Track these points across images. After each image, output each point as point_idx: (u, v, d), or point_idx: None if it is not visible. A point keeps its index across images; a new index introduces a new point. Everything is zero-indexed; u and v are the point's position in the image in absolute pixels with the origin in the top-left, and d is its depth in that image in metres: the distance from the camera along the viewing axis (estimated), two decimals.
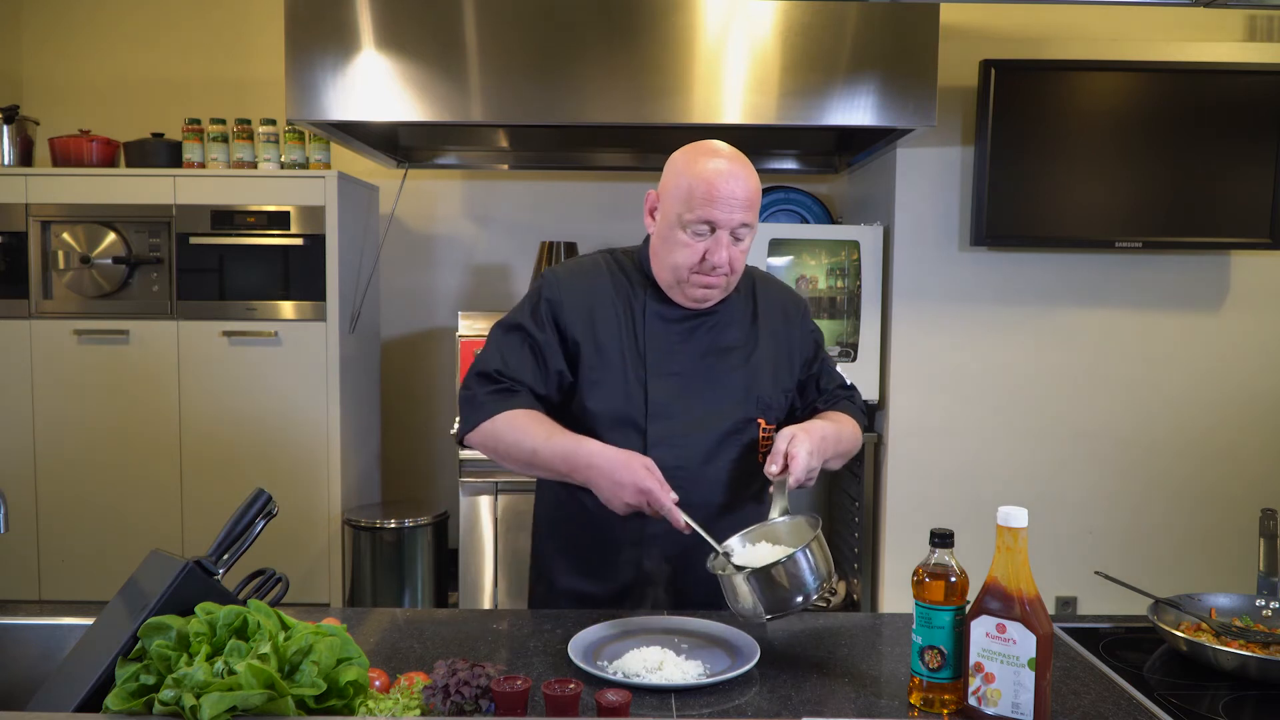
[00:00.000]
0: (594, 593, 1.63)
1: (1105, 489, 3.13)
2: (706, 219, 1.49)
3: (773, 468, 1.45)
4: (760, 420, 1.61)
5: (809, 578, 1.32)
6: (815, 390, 1.72)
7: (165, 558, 1.20)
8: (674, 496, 1.41)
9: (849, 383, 1.77)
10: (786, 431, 1.49)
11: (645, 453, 1.51)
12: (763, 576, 1.31)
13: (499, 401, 1.56)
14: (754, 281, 1.70)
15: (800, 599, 1.31)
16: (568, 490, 1.59)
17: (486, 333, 3.01)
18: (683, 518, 1.41)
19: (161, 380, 3.16)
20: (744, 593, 1.32)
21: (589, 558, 1.63)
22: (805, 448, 1.46)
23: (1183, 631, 1.41)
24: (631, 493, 1.41)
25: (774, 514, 1.48)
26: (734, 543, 1.47)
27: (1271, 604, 1.52)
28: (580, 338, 1.58)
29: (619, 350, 1.58)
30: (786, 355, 1.67)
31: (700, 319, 1.61)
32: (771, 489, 1.49)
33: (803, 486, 1.47)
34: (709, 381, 1.59)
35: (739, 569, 1.35)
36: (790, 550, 1.35)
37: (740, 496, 1.61)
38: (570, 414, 1.60)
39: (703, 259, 1.51)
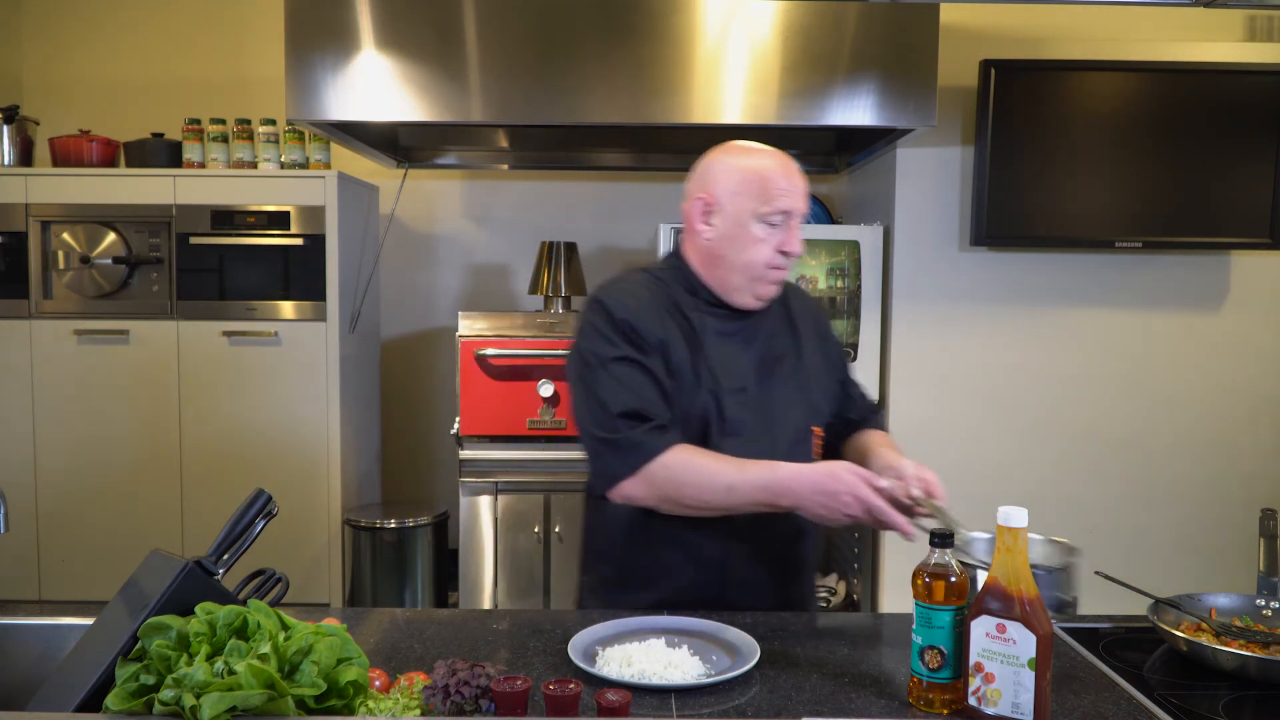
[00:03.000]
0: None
1: (1105, 489, 3.13)
2: (784, 208, 1.51)
3: (915, 491, 1.39)
4: (815, 429, 1.60)
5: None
6: (845, 398, 1.71)
7: (165, 558, 1.20)
8: (885, 484, 1.36)
9: (865, 393, 1.76)
10: (903, 462, 1.45)
11: None
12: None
13: (658, 439, 1.46)
14: (784, 287, 1.67)
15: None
16: (643, 514, 1.55)
17: (486, 333, 3.04)
18: (904, 520, 1.35)
19: (161, 380, 3.16)
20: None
21: (654, 575, 1.60)
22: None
23: (1183, 631, 1.41)
24: (850, 504, 1.36)
25: (973, 533, 1.47)
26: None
27: (1271, 604, 1.52)
28: (664, 350, 1.53)
29: (689, 367, 1.53)
30: (824, 362, 1.67)
31: (751, 326, 1.59)
32: (927, 510, 1.40)
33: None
34: (768, 392, 1.57)
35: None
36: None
37: None
38: None
39: (777, 250, 1.52)
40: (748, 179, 1.52)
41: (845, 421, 1.71)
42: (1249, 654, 1.31)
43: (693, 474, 1.44)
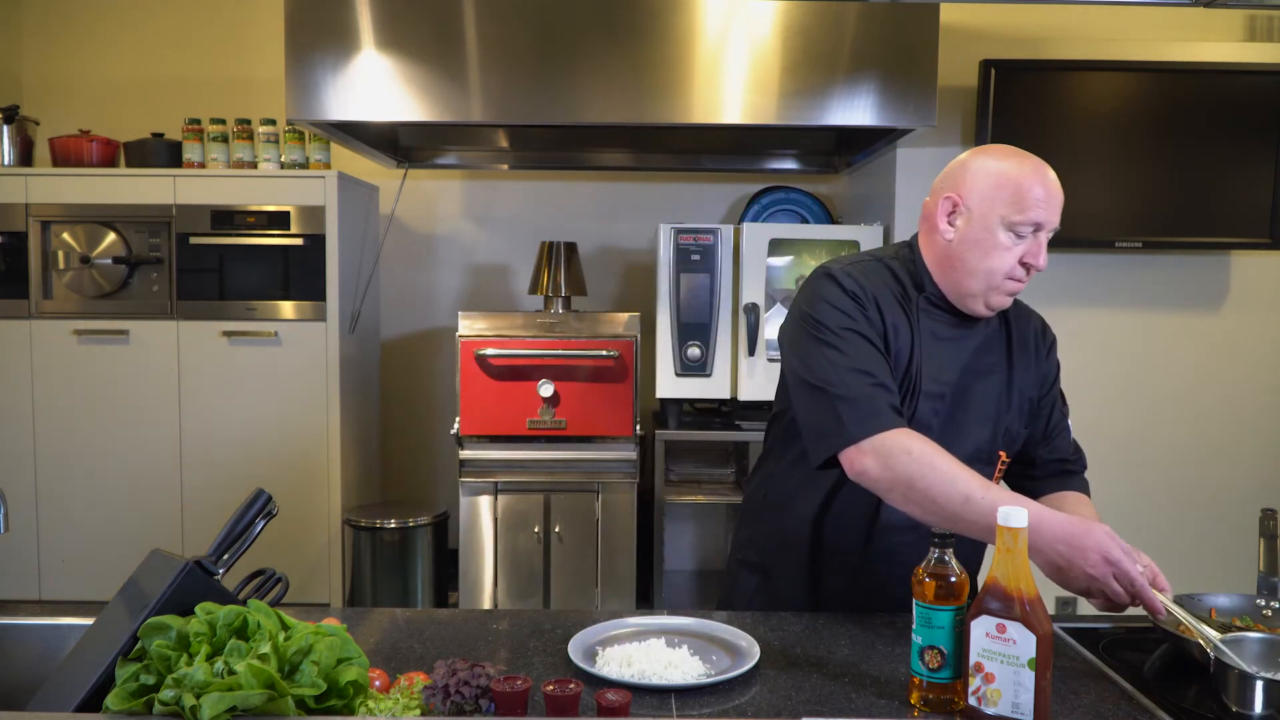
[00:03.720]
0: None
1: (1105, 488, 3.12)
2: (1036, 220, 1.43)
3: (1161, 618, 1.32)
4: (1001, 453, 1.55)
5: None
6: (1062, 431, 1.63)
7: (165, 558, 1.20)
8: (1142, 567, 1.26)
9: (1078, 446, 1.67)
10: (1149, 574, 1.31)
11: None
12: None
13: (895, 416, 1.38)
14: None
15: None
16: (812, 521, 1.54)
17: (486, 333, 3.04)
18: (1158, 599, 1.27)
19: (161, 380, 3.16)
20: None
21: (815, 579, 1.59)
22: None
23: (1183, 632, 1.41)
24: (1097, 563, 1.26)
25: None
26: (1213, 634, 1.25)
27: (1271, 604, 1.52)
28: (886, 336, 1.47)
29: (905, 356, 1.48)
30: (1032, 386, 1.59)
31: (967, 335, 1.53)
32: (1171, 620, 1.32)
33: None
34: (964, 404, 1.52)
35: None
36: None
37: None
38: None
39: (1020, 262, 1.45)
40: (1002, 184, 1.44)
41: (1052, 463, 1.63)
42: None
43: (933, 469, 1.33)
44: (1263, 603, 1.52)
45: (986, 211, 1.45)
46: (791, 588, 1.62)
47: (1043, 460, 1.63)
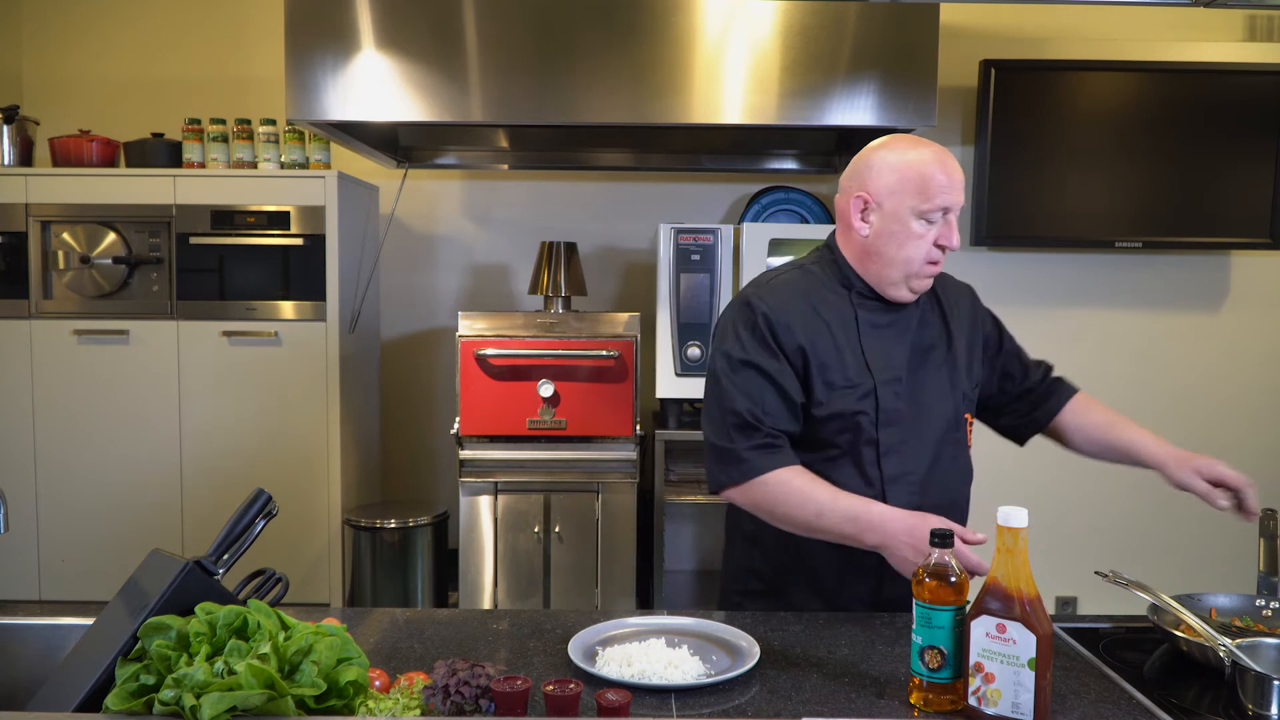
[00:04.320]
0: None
1: (1105, 489, 3.13)
2: (944, 205, 1.51)
3: (1251, 505, 1.53)
4: (967, 415, 1.64)
5: None
6: (1019, 367, 1.75)
7: (165, 558, 1.20)
8: (980, 537, 1.36)
9: (1042, 361, 1.80)
10: (1242, 478, 1.56)
11: (878, 463, 1.53)
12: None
13: (765, 458, 1.52)
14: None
15: None
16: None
17: (486, 333, 3.04)
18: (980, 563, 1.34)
19: (161, 380, 3.16)
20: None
21: (825, 580, 1.62)
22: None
23: (1183, 631, 1.41)
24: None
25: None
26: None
27: (1271, 604, 1.52)
28: (804, 355, 1.55)
29: (839, 362, 1.55)
30: (972, 344, 1.69)
31: (903, 318, 1.61)
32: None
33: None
34: (921, 383, 1.59)
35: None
36: None
37: (962, 495, 1.63)
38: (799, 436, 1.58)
39: (935, 245, 1.53)
40: (907, 176, 1.51)
41: (1028, 392, 1.75)
42: None
43: (787, 496, 1.49)
44: (1262, 603, 1.52)
45: (897, 205, 1.52)
46: (813, 602, 1.63)
47: (1019, 393, 1.76)
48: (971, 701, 1.16)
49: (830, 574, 1.60)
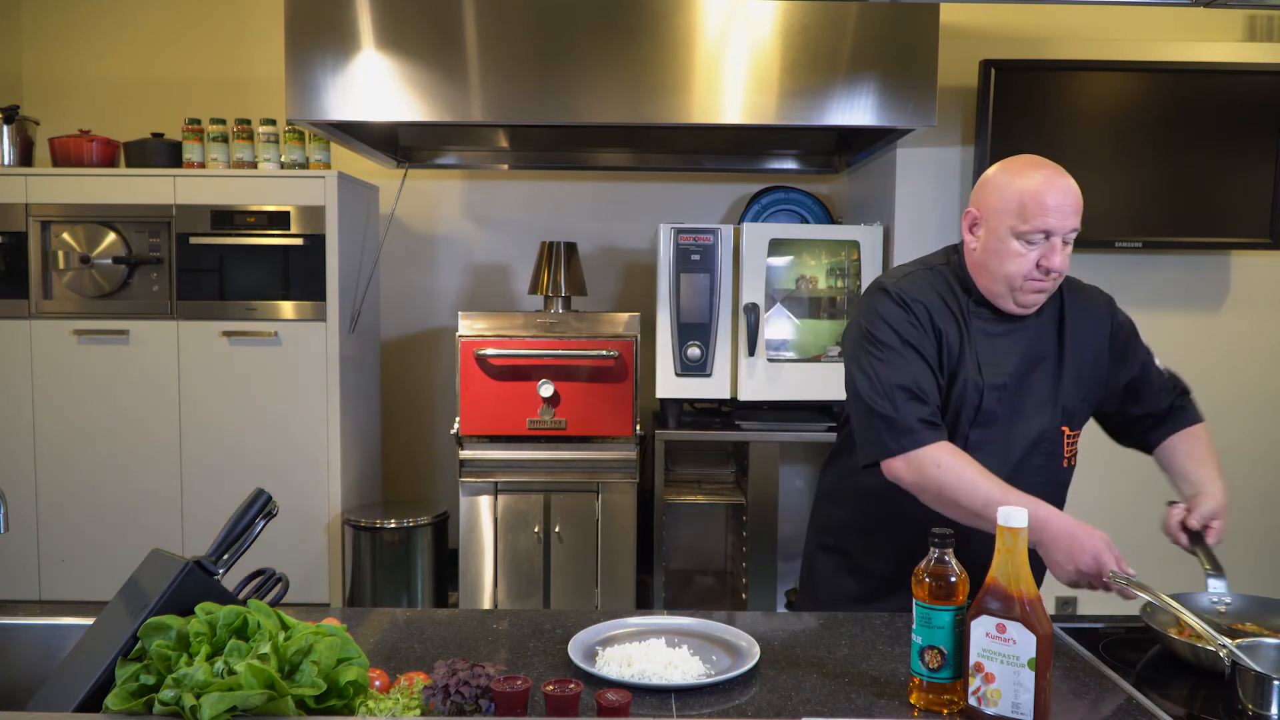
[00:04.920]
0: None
1: (1104, 488, 3.13)
2: (1042, 228, 1.54)
3: (1192, 522, 1.58)
4: (1064, 428, 1.67)
5: None
6: (1150, 390, 1.76)
7: (165, 558, 1.20)
8: (1132, 573, 1.42)
9: (1179, 381, 1.80)
10: (1215, 507, 1.60)
11: None
12: None
13: (933, 432, 1.55)
14: (1061, 287, 1.73)
15: None
16: (892, 504, 1.62)
17: (486, 333, 3.04)
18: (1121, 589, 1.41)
19: (161, 380, 3.16)
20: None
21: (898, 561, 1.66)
22: (1223, 527, 1.59)
23: (1176, 633, 1.41)
24: (1089, 562, 1.42)
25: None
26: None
27: (1225, 599, 1.55)
28: (942, 343, 1.62)
29: (959, 363, 1.62)
30: (1094, 357, 1.71)
31: (1018, 328, 1.66)
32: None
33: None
34: (1024, 391, 1.64)
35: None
36: None
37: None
38: None
39: (1037, 265, 1.57)
40: (1009, 198, 1.57)
41: (1148, 416, 1.77)
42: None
43: (959, 479, 1.50)
44: (1214, 599, 1.55)
45: (998, 224, 1.58)
46: (879, 564, 1.73)
47: (1139, 415, 1.78)
48: (971, 701, 1.16)
49: (902, 539, 1.64)
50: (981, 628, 1.14)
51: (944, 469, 1.51)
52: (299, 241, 3.14)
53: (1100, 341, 1.72)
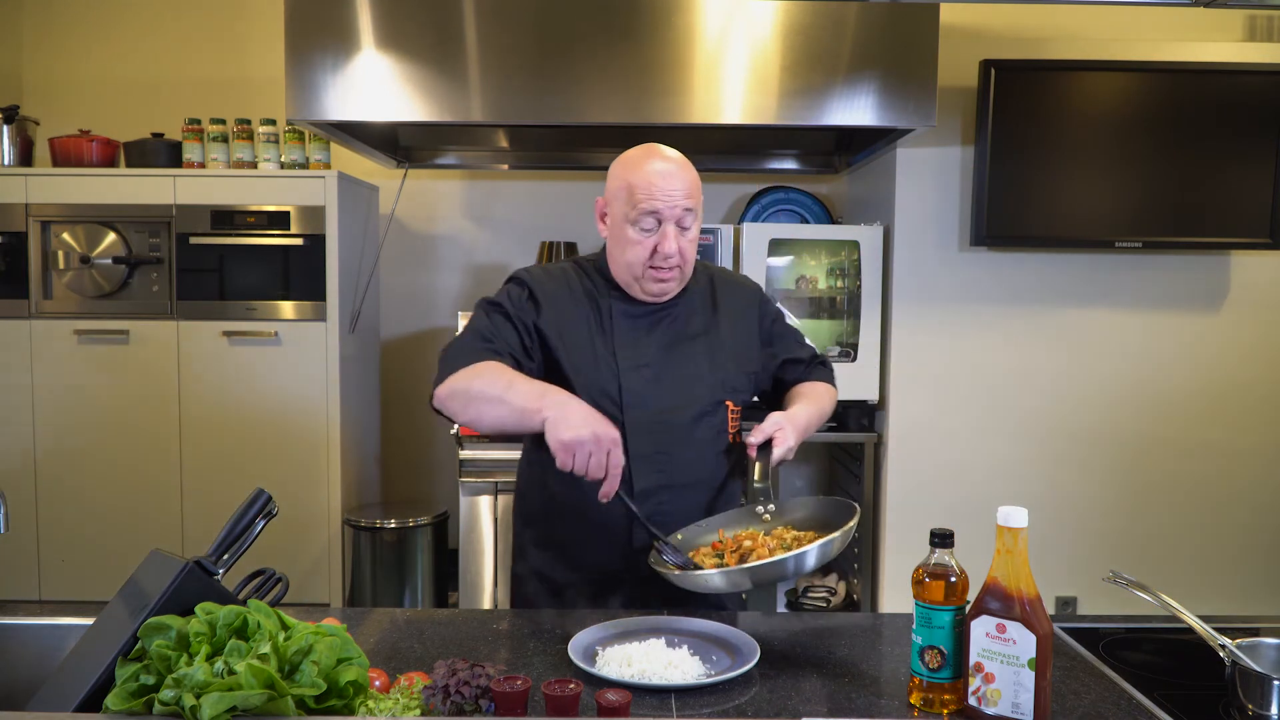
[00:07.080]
0: (565, 580, 1.68)
1: (1105, 488, 3.13)
2: (650, 212, 1.57)
3: (753, 439, 1.58)
4: (728, 402, 1.70)
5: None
6: (795, 369, 1.82)
7: (165, 558, 1.20)
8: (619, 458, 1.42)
9: (817, 352, 1.87)
10: (777, 418, 1.61)
11: (624, 442, 1.55)
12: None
13: (478, 356, 1.57)
14: (712, 275, 1.79)
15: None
16: (553, 481, 1.63)
17: None
18: (610, 487, 1.41)
19: (161, 380, 3.16)
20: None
21: (565, 546, 1.69)
22: (791, 439, 1.58)
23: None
24: (590, 435, 1.38)
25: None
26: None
27: (769, 507, 1.58)
28: (553, 331, 1.64)
29: (590, 347, 1.64)
30: (746, 338, 1.76)
31: (663, 312, 1.69)
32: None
33: (782, 462, 1.59)
34: (677, 369, 1.67)
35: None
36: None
37: (717, 474, 1.69)
38: None
39: (654, 252, 1.59)
40: (620, 185, 1.61)
41: (791, 383, 1.82)
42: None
43: (484, 376, 1.52)
44: (760, 509, 1.58)
45: (615, 211, 1.63)
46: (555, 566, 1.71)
47: (790, 382, 1.82)
48: (971, 701, 1.16)
49: (569, 543, 1.67)
50: (981, 627, 1.14)
51: (474, 371, 1.52)
52: (299, 241, 3.14)
53: (751, 325, 1.77)
